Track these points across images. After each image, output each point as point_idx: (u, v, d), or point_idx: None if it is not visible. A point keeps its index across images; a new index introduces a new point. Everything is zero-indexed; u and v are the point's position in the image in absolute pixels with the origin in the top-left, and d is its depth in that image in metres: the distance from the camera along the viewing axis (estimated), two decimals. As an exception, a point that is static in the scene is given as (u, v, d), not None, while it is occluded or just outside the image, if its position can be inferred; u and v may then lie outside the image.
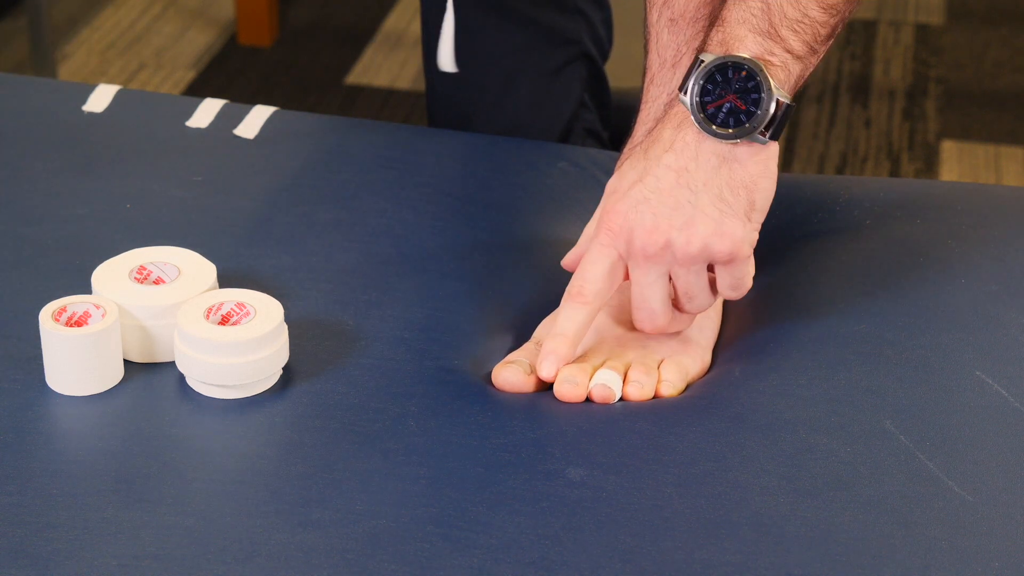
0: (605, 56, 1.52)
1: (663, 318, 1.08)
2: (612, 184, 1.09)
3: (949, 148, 2.55)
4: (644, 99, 1.19)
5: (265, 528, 0.93)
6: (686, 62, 1.16)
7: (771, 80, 1.04)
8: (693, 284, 1.07)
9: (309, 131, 1.38)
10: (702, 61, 1.05)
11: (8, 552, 0.91)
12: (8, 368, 1.06)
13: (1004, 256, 1.19)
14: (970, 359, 1.08)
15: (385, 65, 2.76)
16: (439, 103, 1.50)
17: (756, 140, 1.05)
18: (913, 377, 1.06)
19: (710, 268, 1.09)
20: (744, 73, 1.04)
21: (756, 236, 1.07)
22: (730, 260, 1.06)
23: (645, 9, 1.19)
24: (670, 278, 1.08)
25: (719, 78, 1.04)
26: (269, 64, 2.75)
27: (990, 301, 1.14)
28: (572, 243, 1.22)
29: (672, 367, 1.09)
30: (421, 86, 1.51)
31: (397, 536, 0.93)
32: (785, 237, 1.23)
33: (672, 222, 1.05)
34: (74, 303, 1.05)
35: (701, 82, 1.04)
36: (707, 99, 1.05)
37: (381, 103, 2.64)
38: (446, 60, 1.44)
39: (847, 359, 1.08)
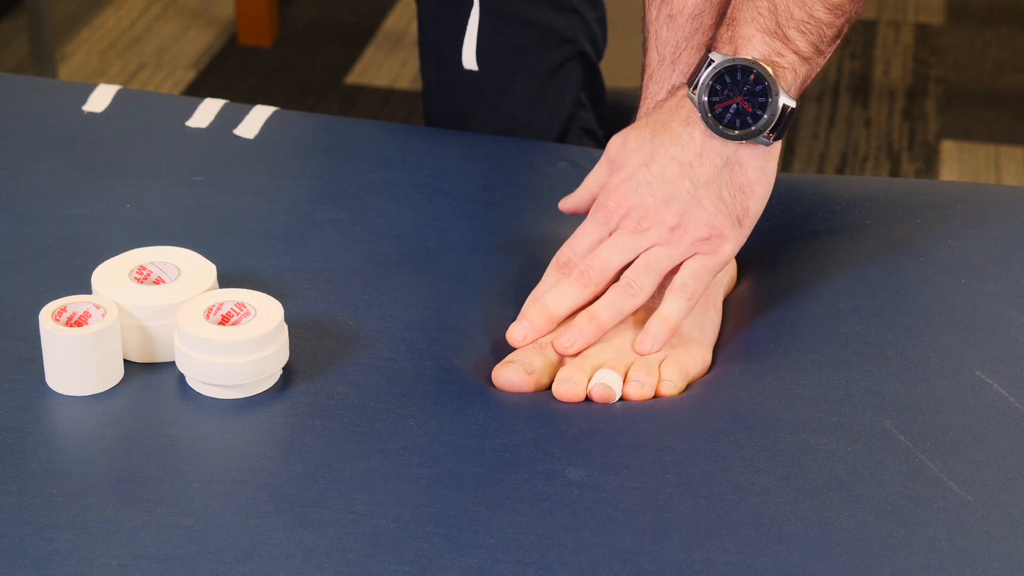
0: (600, 55, 1.52)
1: (604, 279, 1.09)
2: (618, 157, 1.12)
3: (949, 148, 2.55)
4: (643, 95, 1.19)
5: (265, 528, 0.93)
6: (685, 58, 1.16)
7: (779, 84, 1.07)
8: (655, 263, 1.08)
9: (309, 131, 1.38)
10: (712, 61, 1.07)
11: (8, 552, 0.91)
12: (8, 368, 1.06)
13: (1004, 256, 1.19)
14: (970, 359, 1.08)
15: (385, 65, 2.76)
16: (436, 104, 1.50)
17: (760, 142, 1.08)
18: (913, 377, 1.06)
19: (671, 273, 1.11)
20: (752, 77, 1.07)
21: (743, 241, 1.11)
22: (710, 251, 1.09)
23: (644, 6, 1.19)
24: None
25: (727, 79, 1.07)
26: (269, 64, 2.75)
27: (990, 301, 1.14)
28: (572, 243, 1.22)
29: (673, 366, 1.09)
30: (421, 86, 1.51)
31: (397, 536, 0.93)
32: (785, 237, 1.23)
33: (670, 206, 1.08)
34: (74, 303, 1.05)
35: (710, 83, 1.07)
36: (715, 99, 1.07)
37: (381, 103, 2.64)
38: (468, 57, 1.45)
39: (847, 359, 1.08)
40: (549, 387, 1.08)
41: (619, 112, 1.49)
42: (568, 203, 1.19)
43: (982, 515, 0.95)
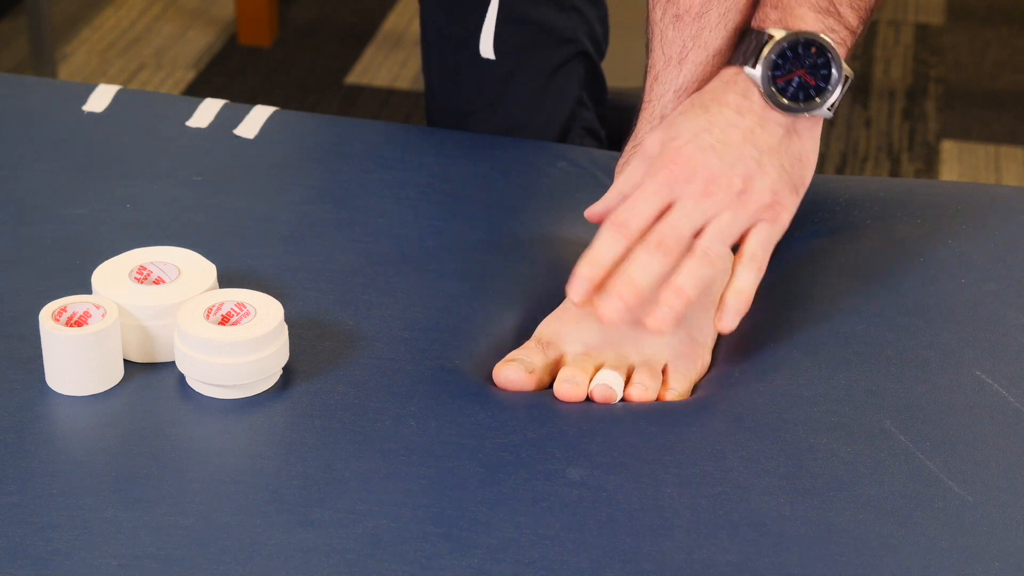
0: (602, 54, 1.52)
1: (681, 247, 1.06)
2: (669, 131, 1.09)
3: (949, 148, 2.55)
4: (648, 97, 1.19)
5: (265, 528, 0.93)
6: (692, 58, 1.16)
7: (840, 57, 1.09)
8: (726, 229, 1.06)
9: (309, 131, 1.38)
10: (771, 36, 1.09)
11: (8, 552, 0.91)
12: (8, 368, 1.06)
13: (1004, 256, 1.19)
14: (970, 359, 1.08)
15: (385, 65, 2.76)
16: (437, 103, 1.50)
17: (822, 114, 1.10)
18: (913, 377, 1.06)
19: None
20: (814, 49, 1.09)
21: (795, 211, 1.11)
22: (772, 218, 1.09)
23: (648, 6, 1.19)
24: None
25: (790, 54, 1.09)
26: (269, 64, 2.75)
27: (990, 301, 1.14)
28: (572, 242, 1.22)
29: (678, 376, 1.08)
30: (421, 86, 1.51)
31: (397, 536, 0.93)
32: (785, 237, 1.22)
33: (736, 170, 1.07)
34: (74, 303, 1.05)
35: (773, 57, 1.08)
36: (777, 73, 1.09)
37: (381, 103, 2.64)
38: (486, 46, 1.44)
39: (847, 359, 1.08)
40: (550, 386, 1.08)
41: (620, 112, 1.48)
42: (597, 209, 1.13)
43: (982, 515, 0.95)
